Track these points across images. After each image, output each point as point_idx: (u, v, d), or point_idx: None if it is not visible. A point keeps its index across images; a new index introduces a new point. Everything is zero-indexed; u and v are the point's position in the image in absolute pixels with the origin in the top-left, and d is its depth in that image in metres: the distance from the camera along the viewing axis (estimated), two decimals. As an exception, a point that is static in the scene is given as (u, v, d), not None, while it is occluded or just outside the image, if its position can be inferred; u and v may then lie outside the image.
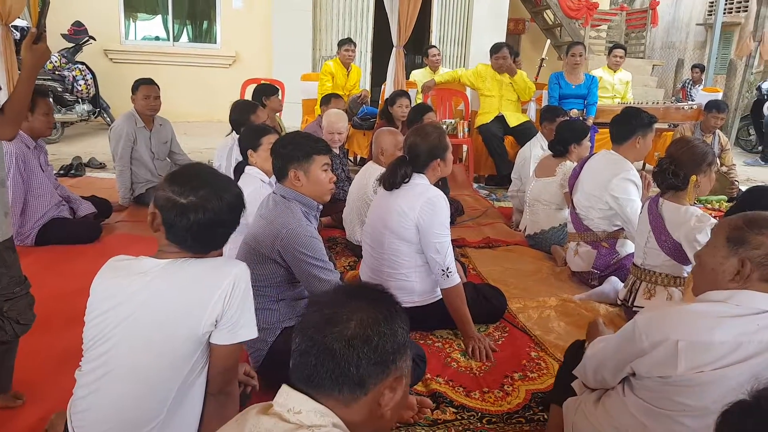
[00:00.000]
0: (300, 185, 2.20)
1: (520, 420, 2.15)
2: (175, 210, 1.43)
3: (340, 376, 0.99)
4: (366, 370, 1.00)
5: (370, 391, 1.02)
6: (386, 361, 1.02)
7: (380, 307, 1.06)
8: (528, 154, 4.62)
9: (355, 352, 0.99)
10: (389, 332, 1.03)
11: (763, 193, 2.11)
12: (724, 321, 1.37)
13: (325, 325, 1.02)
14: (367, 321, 1.02)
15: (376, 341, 1.01)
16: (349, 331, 1.00)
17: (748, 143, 9.45)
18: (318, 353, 1.00)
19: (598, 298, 3.14)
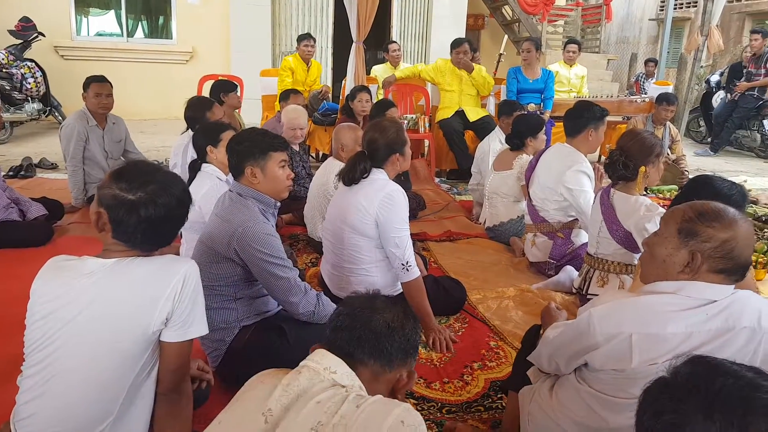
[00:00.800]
0: (257, 182, 2.19)
1: (479, 408, 2.19)
2: (123, 207, 1.41)
3: (376, 349, 1.24)
4: (396, 352, 1.26)
5: (393, 370, 1.27)
6: (409, 351, 1.30)
7: (407, 312, 1.36)
8: (487, 148, 4.69)
9: (392, 335, 1.26)
10: (414, 331, 1.32)
11: (705, 182, 2.19)
12: (675, 313, 1.41)
13: (370, 309, 1.29)
14: (400, 316, 1.31)
15: (407, 332, 1.29)
16: (390, 318, 1.28)
17: (699, 134, 9.77)
18: (363, 329, 1.25)
19: (555, 287, 3.22)
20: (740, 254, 1.40)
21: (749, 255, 1.44)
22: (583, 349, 1.54)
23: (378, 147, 2.59)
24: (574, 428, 1.57)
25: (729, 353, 1.38)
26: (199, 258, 2.21)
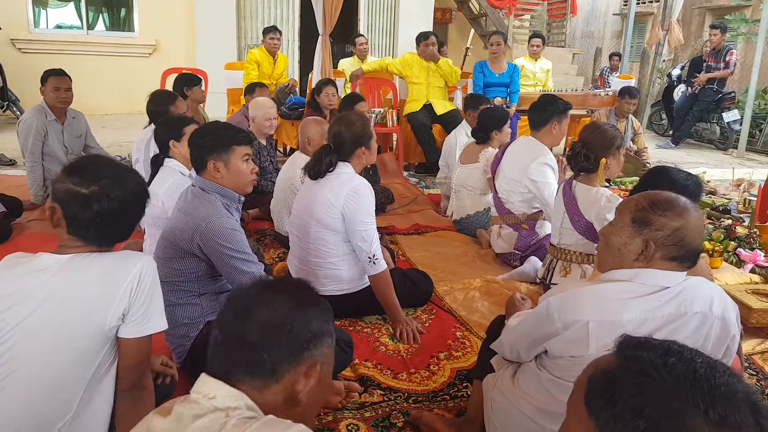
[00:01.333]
0: (220, 177, 2.16)
1: (445, 397, 2.22)
2: (76, 201, 1.39)
3: (252, 363, 1.02)
4: (278, 357, 1.02)
5: (283, 378, 1.03)
6: (299, 349, 1.04)
7: (296, 296, 1.09)
8: (454, 141, 4.72)
9: (268, 339, 1.02)
10: (303, 320, 1.05)
11: (661, 173, 2.25)
12: (630, 300, 1.45)
13: (240, 315, 1.04)
14: (281, 309, 1.04)
15: (290, 327, 1.03)
16: (263, 318, 1.03)
17: (661, 127, 10.00)
18: (232, 343, 1.03)
19: (520, 278, 3.27)
20: (691, 242, 1.45)
21: (700, 242, 1.49)
22: (543, 337, 1.57)
23: (344, 140, 2.59)
24: (536, 414, 1.61)
25: (681, 338, 1.43)
26: (162, 253, 2.18)
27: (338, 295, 2.69)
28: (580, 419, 0.74)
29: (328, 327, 1.10)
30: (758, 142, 8.58)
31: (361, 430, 2.01)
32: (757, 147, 8.49)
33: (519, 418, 1.65)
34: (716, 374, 0.69)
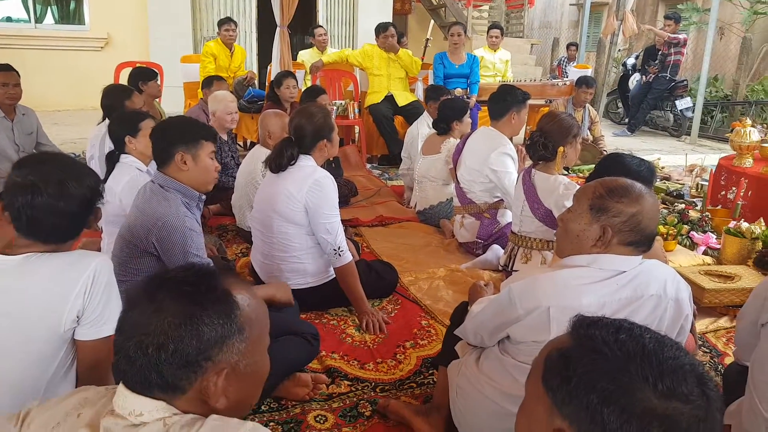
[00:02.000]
0: (186, 170, 2.11)
1: (411, 385, 2.25)
2: (11, 191, 1.35)
3: (144, 381, 0.94)
4: (171, 375, 0.93)
5: (189, 389, 0.95)
6: (193, 362, 0.94)
7: (182, 307, 0.95)
8: (416, 132, 4.75)
9: (152, 360, 0.92)
10: (190, 335, 0.93)
11: (616, 160, 2.31)
12: (589, 285, 1.49)
13: (127, 331, 0.95)
14: (162, 327, 0.93)
15: (173, 348, 0.92)
16: (145, 339, 0.93)
17: (617, 115, 10.25)
18: (124, 358, 0.94)
19: (482, 266, 3.33)
20: (647, 227, 1.50)
21: (655, 227, 1.54)
22: (505, 323, 1.61)
23: (305, 133, 2.58)
24: (499, 397, 1.64)
25: (638, 320, 1.47)
26: (120, 252, 2.14)
27: (304, 288, 2.68)
28: (538, 397, 0.77)
29: (232, 326, 0.97)
30: (710, 129, 8.89)
31: (329, 420, 2.02)
32: (708, 133, 8.79)
33: (483, 402, 1.68)
34: (664, 349, 0.72)
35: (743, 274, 2.92)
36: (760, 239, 3.17)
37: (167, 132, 2.13)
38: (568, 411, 0.72)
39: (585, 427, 0.70)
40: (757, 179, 3.86)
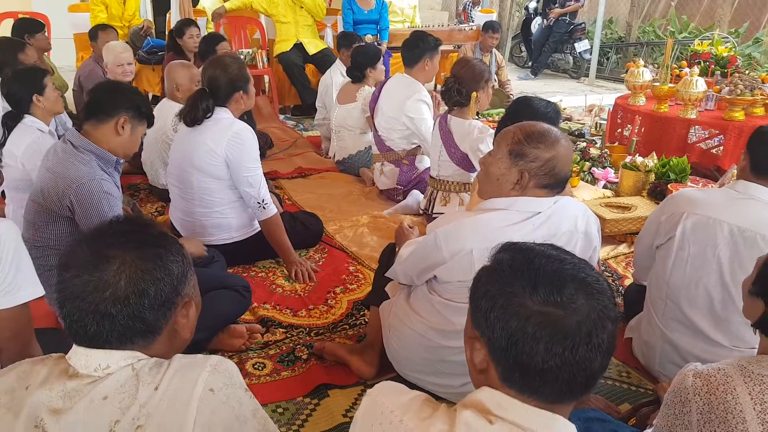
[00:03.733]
0: (116, 137, 2.04)
1: (344, 327, 2.35)
2: None
3: (126, 332, 0.96)
4: (152, 318, 0.97)
5: (164, 328, 1.00)
6: (169, 300, 0.99)
7: (146, 251, 0.98)
8: (329, 81, 4.71)
9: (135, 309, 0.95)
10: (164, 274, 0.98)
11: (525, 103, 2.43)
12: (508, 227, 1.60)
13: (93, 292, 0.94)
14: (137, 275, 0.95)
15: (154, 290, 0.96)
16: (122, 291, 0.94)
17: (521, 59, 10.56)
18: (95, 319, 0.94)
19: (404, 211, 3.44)
20: (561, 170, 1.62)
21: (569, 170, 1.67)
22: (432, 265, 1.70)
23: (220, 85, 2.52)
24: (429, 332, 1.76)
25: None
26: (34, 218, 2.05)
27: (229, 243, 2.68)
28: (467, 315, 0.92)
29: (185, 257, 1.03)
30: (606, 70, 9.36)
31: (267, 367, 2.08)
32: (605, 74, 9.25)
33: (414, 336, 1.80)
34: (549, 262, 0.85)
35: (639, 204, 3.20)
36: (653, 172, 3.46)
37: (123, 93, 2.08)
38: (475, 319, 0.87)
39: (483, 330, 0.85)
40: (650, 116, 4.18)
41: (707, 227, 1.82)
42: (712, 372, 1.18)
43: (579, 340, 0.80)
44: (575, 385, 0.82)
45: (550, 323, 0.80)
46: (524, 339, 0.81)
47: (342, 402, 1.93)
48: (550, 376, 0.81)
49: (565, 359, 0.80)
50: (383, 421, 0.84)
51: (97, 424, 0.91)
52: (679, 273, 1.87)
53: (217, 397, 0.94)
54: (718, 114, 4.01)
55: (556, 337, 0.80)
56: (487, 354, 0.85)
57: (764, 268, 1.21)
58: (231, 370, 0.99)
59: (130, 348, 0.97)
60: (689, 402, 1.19)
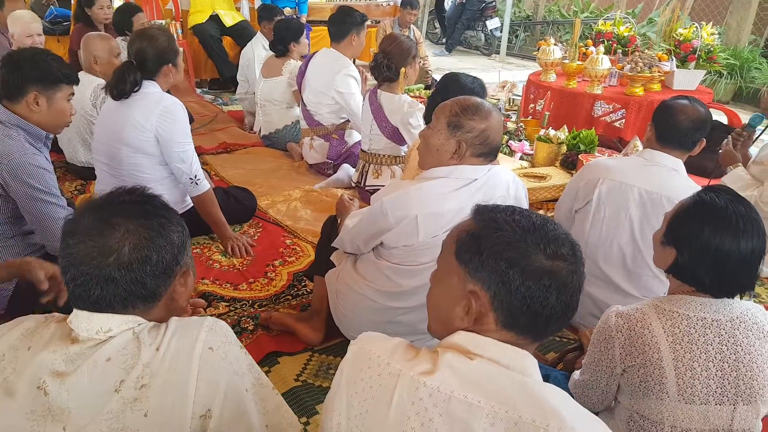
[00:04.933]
0: (36, 111, 1.96)
1: (287, 298, 2.41)
2: None
3: (128, 297, 1.00)
4: (153, 284, 1.01)
5: (164, 295, 1.05)
6: (170, 268, 1.03)
7: (149, 220, 1.02)
8: (251, 54, 4.65)
9: (138, 274, 0.99)
10: (166, 243, 1.02)
11: (453, 79, 2.55)
12: (449, 194, 1.72)
13: (98, 257, 0.97)
14: (141, 242, 0.99)
15: (156, 257, 1.00)
16: (125, 257, 0.98)
17: (435, 36, 10.78)
18: (99, 283, 0.98)
19: (335, 185, 3.51)
20: (494, 140, 1.76)
21: (500, 140, 1.81)
22: (379, 232, 1.81)
23: (147, 57, 2.46)
24: (377, 295, 1.87)
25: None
26: (-40, 195, 1.94)
27: (162, 220, 2.64)
28: (452, 269, 0.97)
29: (184, 229, 1.08)
30: (515, 47, 9.75)
31: (215, 339, 2.11)
32: (515, 51, 9.65)
33: (362, 300, 1.90)
34: (547, 224, 0.96)
35: (553, 174, 3.45)
36: (564, 144, 3.72)
37: (23, 67, 1.95)
38: (480, 276, 0.93)
39: (495, 287, 0.92)
40: (560, 92, 4.45)
41: (620, 191, 2.03)
42: (631, 311, 1.37)
43: (574, 288, 0.93)
44: (561, 324, 0.96)
45: (560, 277, 0.91)
46: (540, 292, 0.90)
47: (292, 368, 2.01)
48: (552, 319, 0.93)
49: (564, 304, 0.92)
50: (371, 365, 0.92)
51: (102, 385, 0.95)
52: (596, 233, 2.09)
53: (217, 354, 1.00)
54: (620, 90, 4.35)
55: (561, 288, 0.91)
56: (488, 305, 0.92)
57: (673, 220, 1.40)
58: (226, 329, 1.05)
59: (131, 312, 1.01)
60: (612, 339, 1.37)
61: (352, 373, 0.94)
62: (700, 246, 1.31)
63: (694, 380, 1.29)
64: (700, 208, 1.35)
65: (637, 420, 1.37)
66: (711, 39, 4.35)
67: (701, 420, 1.31)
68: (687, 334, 1.30)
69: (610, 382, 1.41)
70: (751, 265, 1.31)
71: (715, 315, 1.32)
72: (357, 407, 0.91)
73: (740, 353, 1.30)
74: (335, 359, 2.06)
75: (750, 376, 1.30)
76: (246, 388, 1.03)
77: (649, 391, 1.32)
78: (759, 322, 1.34)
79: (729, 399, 1.30)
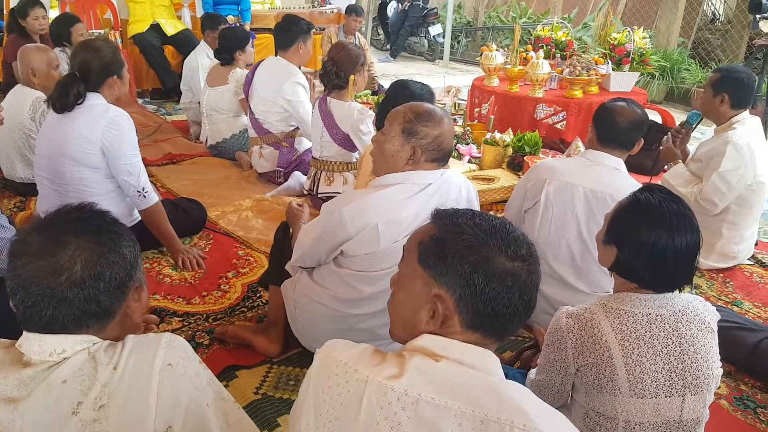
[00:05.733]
0: None
1: (242, 310, 2.38)
2: None
3: (82, 316, 0.98)
4: (107, 301, 1.00)
5: (118, 312, 1.03)
6: (123, 284, 1.02)
7: (101, 236, 1.01)
8: (195, 64, 4.57)
9: (91, 292, 0.97)
10: (118, 258, 1.01)
11: (402, 86, 2.58)
12: (407, 200, 1.75)
13: (49, 277, 0.95)
14: (93, 258, 0.98)
15: (109, 273, 0.99)
16: (78, 275, 0.96)
17: (379, 42, 10.85)
18: (51, 304, 0.96)
19: (287, 193, 3.49)
20: (447, 145, 1.80)
21: (452, 144, 1.85)
22: (339, 243, 1.80)
23: (91, 69, 2.39)
24: (337, 303, 1.87)
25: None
26: None
27: (108, 235, 2.57)
28: (416, 274, 0.98)
29: (134, 242, 1.07)
30: (457, 53, 9.93)
31: (171, 356, 2.07)
32: (457, 57, 9.83)
33: (320, 309, 1.90)
34: (506, 226, 0.99)
35: (501, 176, 3.53)
36: (510, 146, 3.82)
37: None
38: (445, 280, 0.95)
39: (460, 290, 0.94)
40: (504, 96, 4.57)
41: (566, 191, 2.11)
42: (581, 311, 1.42)
43: (533, 287, 0.96)
44: (521, 323, 0.99)
45: (521, 277, 0.94)
46: (503, 291, 0.93)
47: (251, 381, 1.99)
48: (515, 318, 0.96)
49: (525, 303, 0.95)
50: (339, 372, 0.93)
51: (58, 408, 0.92)
52: (545, 232, 2.16)
53: (176, 371, 0.98)
54: (560, 93, 4.50)
55: (523, 288, 0.94)
56: (452, 307, 0.95)
57: (612, 220, 1.47)
58: (184, 344, 1.04)
59: (85, 332, 0.99)
60: (564, 339, 1.42)
61: (319, 381, 0.95)
62: (637, 243, 1.38)
63: (643, 375, 1.35)
64: (636, 207, 1.42)
65: (593, 416, 1.43)
66: (643, 43, 4.57)
67: (653, 413, 1.37)
68: (634, 330, 1.36)
69: (565, 380, 1.46)
70: (687, 259, 1.38)
71: (658, 310, 1.39)
72: (325, 415, 0.92)
73: (685, 345, 1.37)
74: (295, 370, 2.05)
75: (695, 367, 1.38)
76: (207, 402, 1.03)
77: (603, 389, 1.38)
78: (700, 314, 1.42)
79: (678, 391, 1.37)
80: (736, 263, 2.88)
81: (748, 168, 2.61)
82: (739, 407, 1.99)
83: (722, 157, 2.60)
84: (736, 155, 2.59)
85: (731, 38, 7.35)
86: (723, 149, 2.61)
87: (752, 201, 2.73)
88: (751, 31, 6.69)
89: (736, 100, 2.69)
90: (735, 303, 2.61)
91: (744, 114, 2.72)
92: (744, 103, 2.73)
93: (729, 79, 2.71)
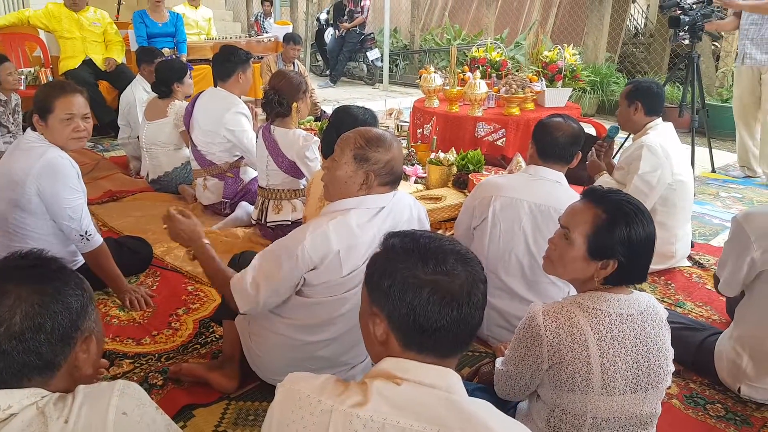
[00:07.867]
0: None
1: (196, 347, 2.32)
2: None
3: (22, 369, 0.95)
4: (49, 352, 0.97)
5: (63, 364, 0.99)
6: (67, 335, 0.99)
7: (43, 285, 0.98)
8: (132, 98, 4.48)
9: (31, 344, 0.94)
10: (62, 308, 0.98)
11: (345, 111, 2.60)
12: (365, 224, 1.75)
13: None
14: (33, 309, 0.95)
15: (51, 324, 0.96)
16: (17, 326, 0.93)
17: (318, 68, 10.92)
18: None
19: (234, 224, 3.43)
20: (398, 168, 1.82)
21: (402, 168, 1.88)
22: (301, 273, 1.74)
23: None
24: (296, 332, 1.83)
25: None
26: None
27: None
28: (364, 295, 1.05)
29: (85, 292, 1.04)
30: (396, 76, 10.10)
31: (123, 401, 1.98)
32: (396, 80, 9.99)
33: (278, 339, 1.87)
34: (432, 241, 1.02)
35: (447, 194, 3.60)
36: (454, 165, 3.90)
37: None
38: (374, 298, 1.00)
39: (384, 305, 0.98)
40: (444, 116, 4.68)
41: (512, 206, 2.17)
42: (557, 309, 1.44)
43: (462, 300, 0.97)
44: (461, 339, 1.00)
45: (440, 289, 0.96)
46: (421, 305, 0.95)
47: (209, 419, 1.93)
48: (443, 333, 0.96)
49: (453, 317, 0.96)
50: (302, 405, 0.92)
51: None
52: (495, 247, 2.21)
53: (131, 419, 0.95)
54: (498, 111, 4.64)
55: (445, 300, 0.96)
56: (386, 326, 0.98)
57: (597, 237, 1.43)
58: (138, 391, 1.01)
59: (27, 385, 0.95)
60: (541, 337, 1.43)
61: (283, 415, 0.94)
62: (636, 245, 1.41)
63: (616, 374, 1.40)
64: (618, 215, 1.43)
65: (559, 414, 1.46)
66: (573, 59, 4.78)
67: (619, 409, 1.42)
68: (609, 330, 1.41)
69: (535, 376, 1.48)
70: (653, 245, 1.46)
71: (628, 310, 1.44)
72: None
73: (650, 344, 1.43)
74: (254, 405, 2.00)
75: (657, 364, 1.44)
76: None
77: (576, 387, 1.41)
78: (659, 312, 1.49)
79: (642, 387, 1.43)
80: (675, 263, 3.03)
81: (665, 168, 2.77)
82: (690, 405, 2.07)
83: (639, 161, 2.76)
84: (652, 157, 2.76)
85: (654, 51, 7.79)
86: (639, 153, 2.78)
87: (675, 199, 2.88)
88: (671, 44, 7.12)
89: (649, 108, 2.90)
90: (678, 304, 2.73)
91: (657, 120, 2.93)
92: (656, 110, 2.93)
93: (640, 89, 2.92)
